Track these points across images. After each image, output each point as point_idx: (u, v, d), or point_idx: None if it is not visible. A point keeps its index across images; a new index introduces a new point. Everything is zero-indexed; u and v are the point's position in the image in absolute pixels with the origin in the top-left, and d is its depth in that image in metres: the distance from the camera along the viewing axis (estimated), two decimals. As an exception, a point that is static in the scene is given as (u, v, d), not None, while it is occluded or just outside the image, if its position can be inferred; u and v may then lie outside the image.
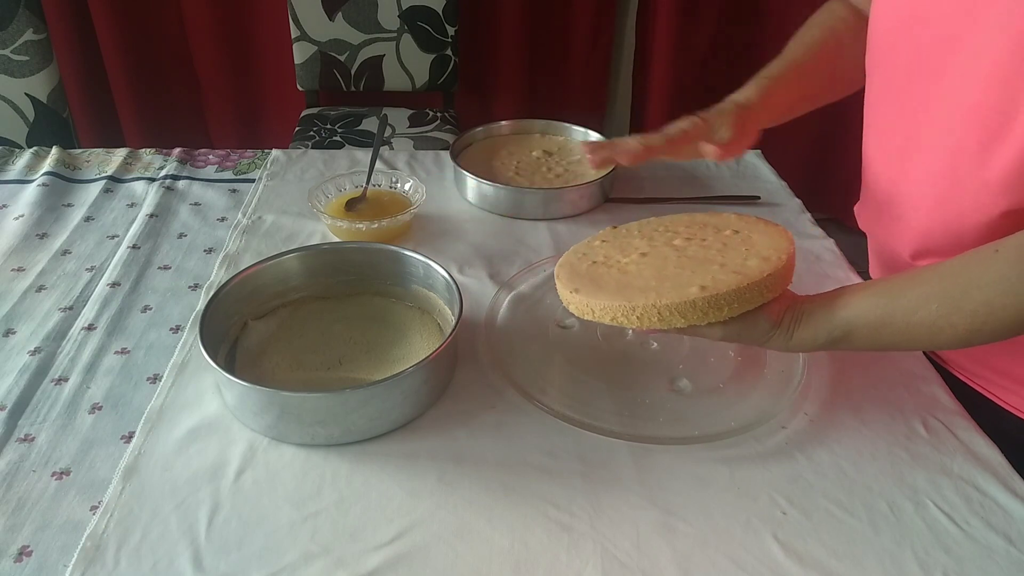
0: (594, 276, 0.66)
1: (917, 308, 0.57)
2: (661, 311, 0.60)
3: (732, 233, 0.68)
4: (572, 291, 0.65)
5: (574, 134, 1.14)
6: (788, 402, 0.69)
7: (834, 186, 2.32)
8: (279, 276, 0.78)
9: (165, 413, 0.67)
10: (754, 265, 0.61)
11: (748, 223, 0.70)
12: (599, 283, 0.65)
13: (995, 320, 0.56)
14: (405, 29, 1.88)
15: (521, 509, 0.60)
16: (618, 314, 0.61)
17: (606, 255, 0.69)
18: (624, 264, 0.67)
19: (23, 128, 1.47)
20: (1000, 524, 0.59)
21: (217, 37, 2.04)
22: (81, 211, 0.99)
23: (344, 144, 1.83)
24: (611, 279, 0.65)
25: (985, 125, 0.62)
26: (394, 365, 0.72)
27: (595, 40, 2.13)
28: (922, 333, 0.58)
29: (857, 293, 0.60)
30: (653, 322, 0.61)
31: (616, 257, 0.68)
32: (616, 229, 0.74)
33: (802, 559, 0.56)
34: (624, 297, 0.61)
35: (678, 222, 0.72)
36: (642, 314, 0.61)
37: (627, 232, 0.73)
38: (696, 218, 0.73)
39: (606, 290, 0.63)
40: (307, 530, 0.58)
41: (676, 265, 0.64)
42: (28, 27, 1.40)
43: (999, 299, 0.55)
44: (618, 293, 0.62)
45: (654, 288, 0.62)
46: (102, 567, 0.55)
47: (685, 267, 0.64)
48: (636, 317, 0.61)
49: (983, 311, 0.56)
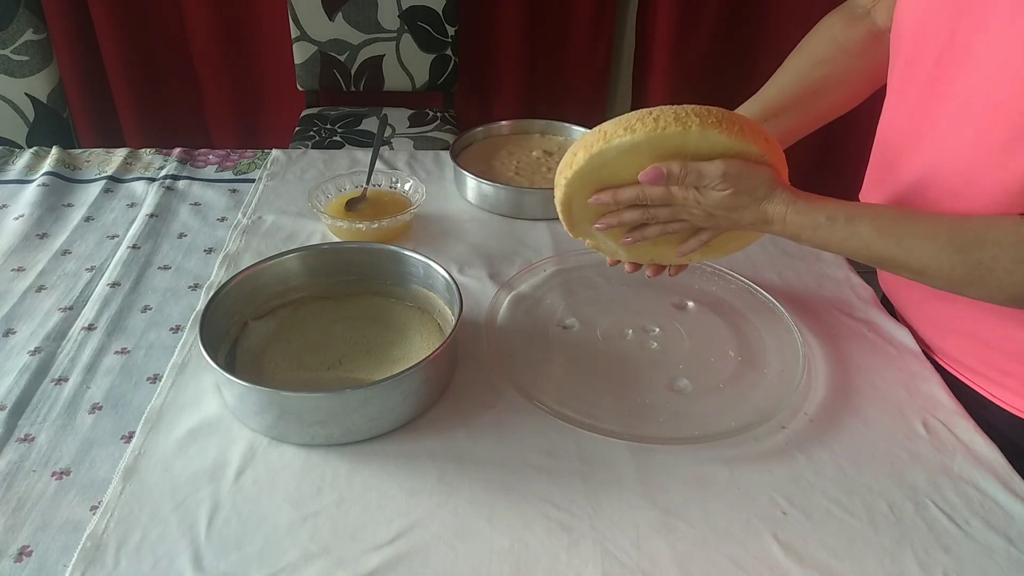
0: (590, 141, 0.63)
1: (926, 234, 0.58)
2: (677, 112, 0.59)
3: None
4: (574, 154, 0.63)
5: (574, 134, 1.14)
6: (788, 402, 0.69)
7: (834, 186, 2.32)
8: (279, 276, 0.78)
9: (165, 413, 0.67)
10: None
11: None
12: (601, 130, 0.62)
13: (992, 279, 0.56)
14: (405, 29, 1.88)
15: (521, 509, 0.60)
16: (633, 120, 0.59)
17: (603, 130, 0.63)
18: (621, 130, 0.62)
19: (23, 128, 1.47)
20: (1000, 524, 0.59)
21: (217, 37, 2.04)
22: (81, 211, 0.99)
23: (344, 144, 1.83)
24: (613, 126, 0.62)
25: (1010, 126, 0.61)
26: (394, 365, 0.72)
27: (595, 40, 2.13)
28: (921, 256, 0.58)
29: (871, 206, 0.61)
30: (669, 123, 0.59)
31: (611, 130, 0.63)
32: None
33: (802, 559, 0.56)
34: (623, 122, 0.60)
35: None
36: (658, 115, 0.59)
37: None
38: None
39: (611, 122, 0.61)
40: (307, 530, 0.58)
41: None
42: (28, 27, 1.40)
43: (1006, 262, 0.55)
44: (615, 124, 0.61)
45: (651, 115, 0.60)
46: (102, 567, 0.55)
47: None
48: (652, 119, 0.59)
49: (986, 264, 0.56)
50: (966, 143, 0.65)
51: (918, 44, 0.70)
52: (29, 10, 1.40)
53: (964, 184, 0.66)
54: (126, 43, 2.03)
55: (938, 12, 0.67)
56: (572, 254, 0.90)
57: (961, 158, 0.66)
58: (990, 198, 0.64)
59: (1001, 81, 0.61)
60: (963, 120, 0.66)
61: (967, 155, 0.65)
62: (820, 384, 0.72)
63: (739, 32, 2.11)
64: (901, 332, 0.80)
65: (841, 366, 0.75)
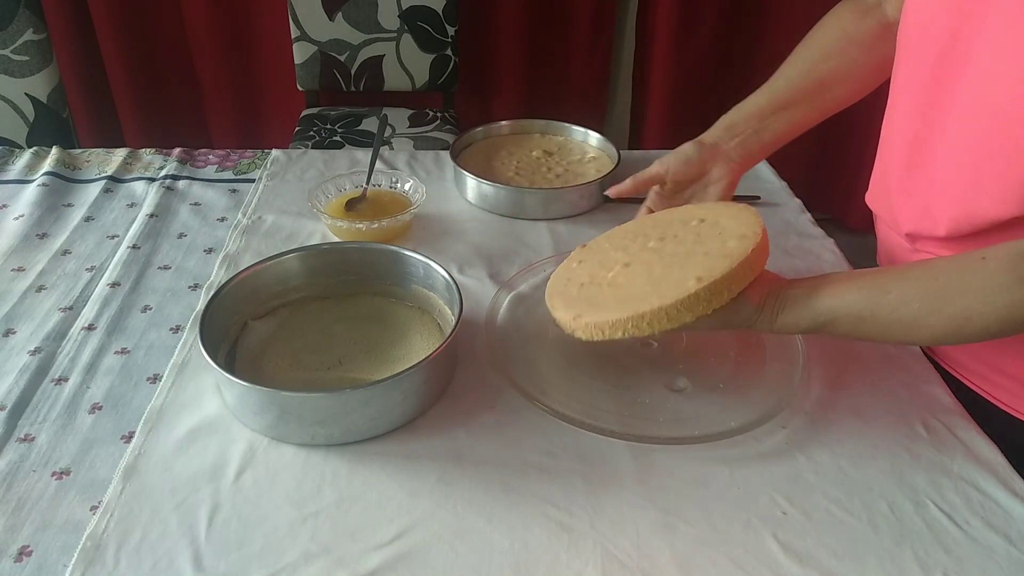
0: (589, 298, 0.67)
1: (899, 305, 0.58)
2: (668, 312, 0.60)
3: (700, 222, 0.69)
4: (574, 317, 0.65)
5: (574, 134, 1.14)
6: (788, 402, 0.69)
7: (834, 186, 2.32)
8: (279, 276, 0.78)
9: (165, 413, 0.67)
10: (735, 245, 0.62)
11: (710, 209, 0.71)
12: (597, 303, 0.65)
13: (972, 326, 0.57)
14: (405, 29, 1.88)
15: (521, 509, 0.60)
16: (628, 326, 0.62)
17: (590, 274, 0.70)
18: (612, 278, 0.67)
19: (23, 128, 1.47)
20: (1000, 524, 0.59)
21: (217, 37, 2.04)
22: (81, 211, 0.99)
23: (344, 144, 1.82)
24: (607, 296, 0.65)
25: (1009, 133, 0.61)
26: (394, 365, 0.72)
27: (595, 40, 2.13)
28: (901, 329, 0.59)
29: (842, 283, 0.61)
30: (664, 324, 0.61)
31: (601, 274, 0.69)
32: (586, 247, 0.76)
33: (802, 559, 0.56)
34: (629, 309, 0.62)
35: (644, 225, 0.74)
36: (652, 320, 0.61)
37: (598, 247, 0.75)
38: (658, 218, 0.74)
39: (607, 307, 0.64)
40: (307, 530, 0.58)
41: (663, 266, 0.65)
42: (28, 27, 1.40)
43: (978, 307, 0.56)
44: (620, 306, 0.62)
45: (653, 292, 0.62)
46: (102, 567, 0.55)
47: (673, 265, 0.64)
48: (647, 324, 0.61)
49: (961, 315, 0.56)
50: (966, 147, 0.65)
51: (921, 45, 0.70)
52: (29, 10, 1.40)
53: (968, 187, 0.66)
54: (126, 43, 2.03)
55: (941, 13, 0.67)
56: (572, 254, 0.89)
57: (965, 160, 0.66)
58: (990, 198, 0.64)
59: (1000, 86, 0.61)
60: (964, 124, 0.66)
61: (969, 159, 0.65)
62: (820, 384, 0.72)
63: (739, 32, 2.11)
64: (901, 332, 0.79)
65: (841, 366, 0.74)
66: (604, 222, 0.98)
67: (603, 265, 0.70)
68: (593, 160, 1.09)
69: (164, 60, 2.08)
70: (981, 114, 0.64)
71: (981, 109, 0.64)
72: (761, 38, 2.11)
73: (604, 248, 0.74)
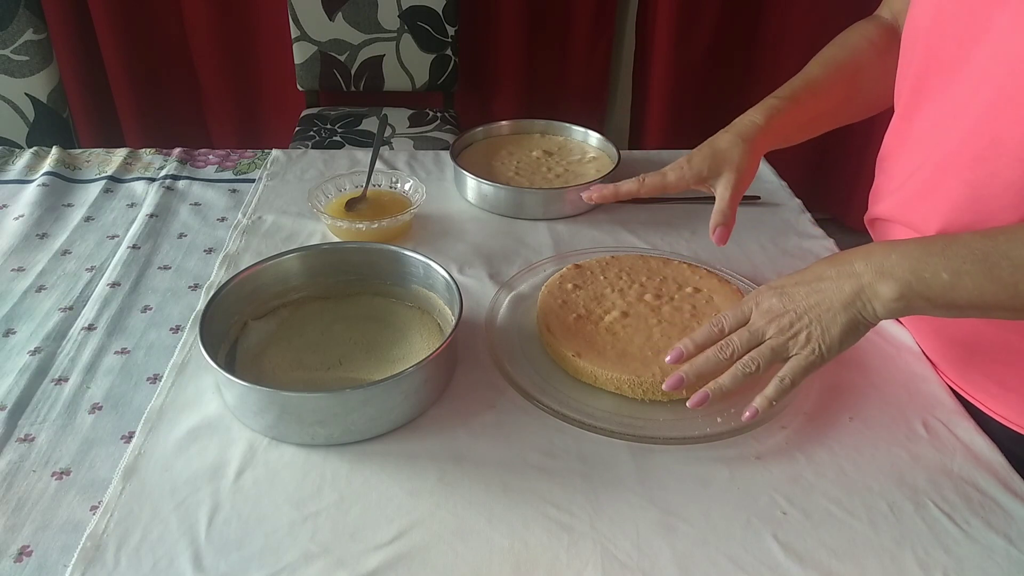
0: (587, 336, 0.73)
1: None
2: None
3: (694, 291, 0.79)
4: (573, 355, 0.71)
5: (574, 134, 1.14)
6: (788, 402, 0.69)
7: (834, 186, 2.32)
8: (279, 276, 0.78)
9: (165, 413, 0.67)
10: None
11: (703, 279, 0.81)
12: (595, 347, 0.71)
13: None
14: (405, 29, 1.88)
15: (521, 509, 0.60)
16: (623, 385, 0.69)
17: (586, 307, 0.77)
18: (609, 323, 0.75)
19: (23, 128, 1.47)
20: (1000, 524, 0.59)
21: (217, 37, 2.04)
22: (81, 211, 0.99)
23: (344, 144, 1.83)
24: (605, 342, 0.72)
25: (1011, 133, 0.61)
26: (394, 365, 0.72)
27: (595, 40, 2.14)
28: None
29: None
30: (656, 396, 0.68)
31: (597, 312, 0.76)
32: (580, 268, 0.83)
33: (802, 559, 0.56)
34: (629, 370, 0.69)
35: (637, 270, 0.83)
36: (648, 388, 0.68)
37: (592, 276, 0.82)
38: (651, 265, 0.83)
39: (606, 356, 0.70)
40: (307, 530, 0.58)
41: (660, 331, 0.74)
42: (28, 27, 1.40)
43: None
44: (620, 363, 0.70)
45: (654, 360, 0.70)
46: (102, 567, 0.55)
47: (671, 335, 0.73)
48: (642, 390, 0.68)
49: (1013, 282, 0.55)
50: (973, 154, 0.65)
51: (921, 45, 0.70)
52: (29, 10, 1.40)
53: (972, 193, 0.65)
54: (126, 43, 2.03)
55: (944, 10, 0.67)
56: (572, 255, 0.90)
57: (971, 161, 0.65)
58: (998, 201, 0.63)
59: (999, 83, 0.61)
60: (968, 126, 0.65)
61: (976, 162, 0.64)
62: (820, 384, 0.72)
63: (739, 32, 2.11)
64: (901, 332, 0.79)
65: (841, 366, 0.74)
66: (604, 222, 0.98)
67: (598, 301, 0.78)
68: (593, 160, 1.09)
69: (164, 60, 2.09)
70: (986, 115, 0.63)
71: (987, 108, 0.63)
72: (761, 39, 2.11)
73: (599, 279, 0.81)
